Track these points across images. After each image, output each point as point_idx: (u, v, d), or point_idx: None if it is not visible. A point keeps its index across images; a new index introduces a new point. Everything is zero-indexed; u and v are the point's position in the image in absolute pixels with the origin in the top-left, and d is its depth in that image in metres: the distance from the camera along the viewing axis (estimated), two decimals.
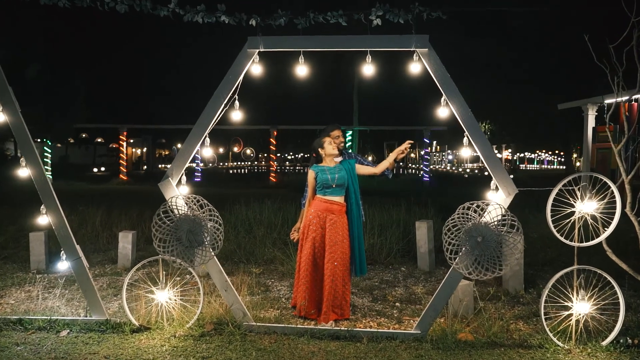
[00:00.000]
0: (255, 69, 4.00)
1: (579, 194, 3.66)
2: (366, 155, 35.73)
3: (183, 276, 5.21)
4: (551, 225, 3.65)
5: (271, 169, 23.42)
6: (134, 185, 20.27)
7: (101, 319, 3.96)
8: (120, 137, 22.83)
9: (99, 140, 37.09)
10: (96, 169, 33.00)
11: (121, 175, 22.51)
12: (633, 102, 9.20)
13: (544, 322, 3.71)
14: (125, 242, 6.16)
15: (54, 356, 3.41)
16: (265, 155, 46.03)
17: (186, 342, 3.66)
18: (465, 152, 4.33)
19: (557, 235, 3.67)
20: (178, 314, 4.02)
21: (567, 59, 22.40)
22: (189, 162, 4.02)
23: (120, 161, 23.19)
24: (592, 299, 3.76)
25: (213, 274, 4.00)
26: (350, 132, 22.69)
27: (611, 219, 3.63)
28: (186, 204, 3.91)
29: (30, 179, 3.92)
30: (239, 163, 46.43)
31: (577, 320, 3.71)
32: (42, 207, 3.94)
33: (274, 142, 22.76)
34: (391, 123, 30.06)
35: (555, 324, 3.83)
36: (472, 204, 3.70)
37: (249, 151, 35.95)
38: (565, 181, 3.64)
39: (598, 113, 11.88)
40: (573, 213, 3.70)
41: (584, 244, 3.69)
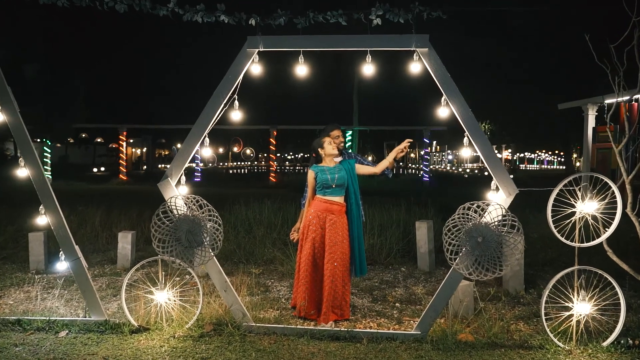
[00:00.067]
0: (255, 68, 3.99)
1: (579, 194, 3.65)
2: (366, 155, 35.71)
3: (182, 276, 5.20)
4: (552, 225, 3.64)
5: (271, 169, 23.42)
6: (133, 185, 20.25)
7: (100, 320, 3.95)
8: (120, 137, 22.84)
9: (99, 140, 37.09)
10: (96, 169, 33.00)
11: (121, 175, 22.50)
12: (633, 102, 9.18)
13: (544, 322, 3.70)
14: (125, 242, 6.15)
15: (52, 357, 3.40)
16: (265, 155, 46.06)
17: (185, 343, 3.65)
18: (465, 152, 4.32)
19: (558, 235, 3.66)
20: (177, 314, 4.01)
21: (567, 59, 22.42)
22: (188, 162, 4.01)
23: (120, 161, 23.18)
24: (593, 299, 3.75)
25: (212, 274, 3.99)
26: (350, 132, 22.68)
27: (612, 219, 3.62)
28: (185, 204, 3.90)
29: (29, 179, 3.91)
30: (238, 163, 46.46)
31: (578, 321, 3.70)
32: (41, 207, 3.93)
33: (274, 142, 22.76)
34: (391, 123, 30.05)
35: (555, 324, 3.82)
36: (473, 204, 3.69)
37: (248, 151, 35.96)
38: (566, 181, 3.63)
39: (598, 113, 11.88)
40: (573, 213, 3.69)
41: (585, 245, 3.67)
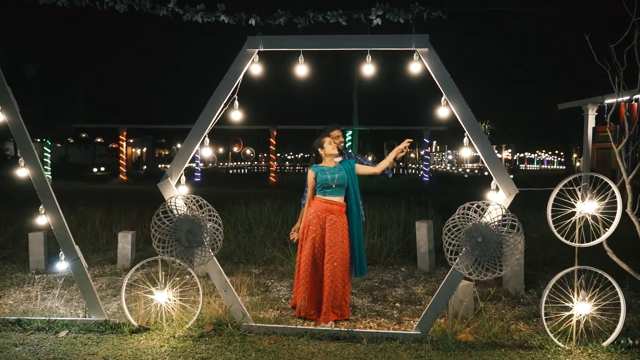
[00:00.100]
0: (255, 68, 3.99)
1: (579, 194, 3.64)
2: (366, 155, 35.71)
3: (182, 276, 5.20)
4: (552, 225, 3.64)
5: (271, 169, 23.41)
6: (133, 185, 20.25)
7: (100, 320, 3.95)
8: (120, 137, 22.83)
9: (99, 140, 37.08)
10: (96, 169, 33.00)
11: (121, 175, 22.50)
12: (633, 102, 9.18)
13: (544, 322, 3.70)
14: (125, 242, 6.15)
15: (52, 357, 3.40)
16: (265, 155, 46.06)
17: (185, 343, 3.65)
18: (465, 152, 4.32)
19: (558, 235, 3.66)
20: (177, 314, 4.00)
21: (567, 59, 22.41)
22: (188, 162, 4.01)
23: (120, 161, 23.18)
24: (593, 299, 3.75)
25: (212, 274, 3.99)
26: (350, 132, 22.68)
27: (611, 219, 3.61)
28: (185, 204, 3.90)
29: (29, 179, 3.91)
30: (238, 163, 46.46)
31: (578, 321, 3.70)
32: (41, 207, 3.93)
33: (274, 142, 22.75)
34: (391, 123, 30.05)
35: (555, 324, 3.82)
36: (473, 204, 3.69)
37: (248, 151, 35.95)
38: (566, 181, 3.63)
39: (598, 113, 11.87)
40: (573, 213, 3.69)
41: (585, 245, 3.67)
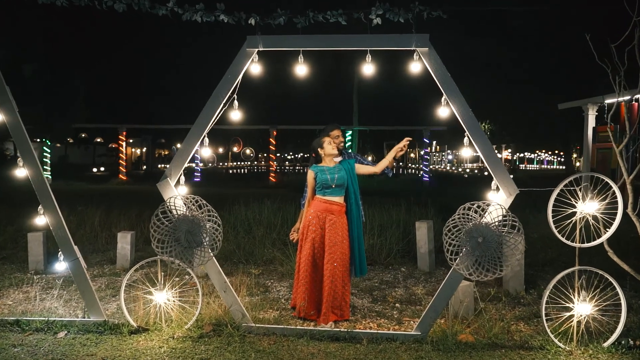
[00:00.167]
0: (255, 68, 3.98)
1: (580, 194, 3.63)
2: (366, 155, 35.70)
3: (182, 277, 5.19)
4: (552, 226, 3.62)
5: (271, 169, 23.39)
6: (133, 185, 20.24)
7: (99, 320, 3.94)
8: (120, 137, 22.81)
9: (99, 140, 37.03)
10: (95, 169, 32.97)
11: (120, 175, 22.48)
12: (634, 102, 9.17)
13: (545, 323, 3.69)
14: (124, 242, 6.13)
15: (51, 358, 3.39)
16: (264, 155, 46.04)
17: (185, 344, 3.64)
18: (465, 152, 4.31)
19: (559, 236, 3.64)
20: (176, 315, 3.99)
21: (567, 59, 22.39)
22: (187, 162, 4.00)
23: (119, 161, 23.16)
24: (594, 300, 3.74)
25: (212, 274, 3.97)
26: (350, 132, 22.67)
27: (612, 219, 3.60)
28: (185, 204, 3.89)
29: (28, 179, 3.90)
30: (238, 163, 46.45)
31: (579, 322, 3.69)
32: (40, 207, 3.92)
33: (274, 142, 22.74)
34: (391, 123, 29.99)
35: (556, 325, 3.81)
36: (473, 204, 3.68)
37: (248, 151, 35.93)
38: (567, 181, 3.62)
39: (598, 113, 11.86)
40: (574, 213, 3.67)
41: (586, 245, 3.66)
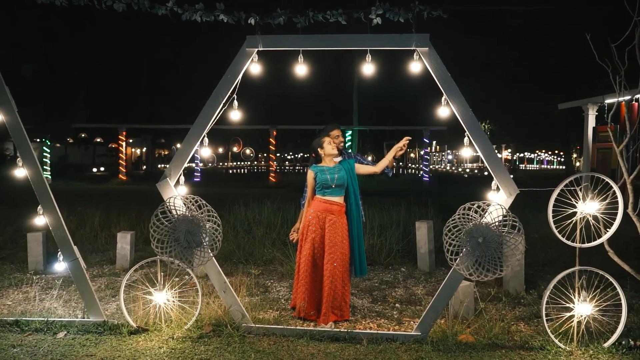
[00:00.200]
0: (254, 68, 3.97)
1: (580, 194, 3.62)
2: (366, 155, 35.68)
3: (181, 277, 5.18)
4: (553, 226, 3.62)
5: (271, 169, 23.38)
6: (133, 185, 20.23)
7: (98, 321, 3.93)
8: (120, 137, 22.80)
9: (98, 140, 37.03)
10: (95, 169, 32.96)
11: (120, 175, 22.47)
12: (634, 101, 9.17)
13: (545, 323, 3.68)
14: (124, 242, 6.13)
15: (50, 358, 3.38)
16: (264, 155, 46.04)
17: (184, 344, 3.63)
18: (465, 152, 4.30)
19: (559, 236, 3.64)
20: (176, 315, 3.98)
21: (567, 59, 22.36)
22: (187, 162, 3.99)
23: (119, 161, 23.15)
24: (594, 300, 3.73)
25: (211, 275, 3.97)
26: (349, 132, 22.65)
27: (612, 219, 3.60)
28: (184, 204, 3.88)
29: (27, 179, 3.89)
30: (238, 163, 46.45)
31: (579, 322, 3.68)
32: (39, 207, 3.91)
33: (274, 142, 22.73)
34: (391, 123, 29.98)
35: (556, 325, 3.80)
36: (473, 204, 3.67)
37: (248, 151, 35.93)
38: (567, 181, 3.61)
39: (598, 113, 11.85)
40: (574, 213, 3.67)
41: (586, 245, 3.65)
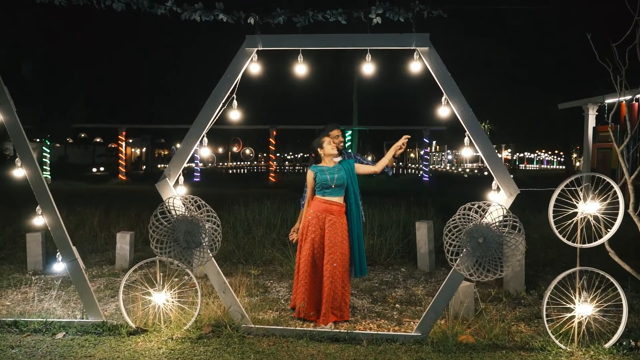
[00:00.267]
0: (254, 67, 3.96)
1: (581, 194, 3.61)
2: (366, 155, 35.65)
3: (181, 277, 5.17)
4: (553, 226, 3.60)
5: (270, 169, 23.37)
6: (132, 185, 20.23)
7: (97, 321, 3.92)
8: (120, 137, 22.78)
9: (98, 140, 37.00)
10: (95, 169, 32.95)
11: (120, 175, 22.46)
12: (634, 101, 9.16)
13: (545, 324, 3.67)
14: (123, 242, 6.11)
15: (49, 359, 3.37)
16: (264, 155, 46.02)
17: (184, 345, 3.62)
18: (465, 152, 4.28)
19: (560, 236, 3.63)
20: (175, 316, 3.97)
21: (567, 59, 22.33)
22: (187, 162, 3.98)
23: (119, 161, 23.14)
24: (595, 300, 3.72)
25: (211, 275, 3.95)
26: (349, 132, 22.63)
27: (612, 219, 3.58)
28: (184, 204, 3.87)
29: (26, 179, 3.88)
30: (238, 163, 46.44)
31: (580, 322, 3.67)
32: (38, 207, 3.90)
33: (273, 142, 22.71)
34: (391, 123, 29.93)
35: (557, 326, 3.79)
36: (473, 204, 3.66)
37: (248, 151, 35.93)
38: (568, 181, 3.60)
39: (598, 113, 11.83)
40: (575, 214, 3.65)
41: (587, 245, 3.64)
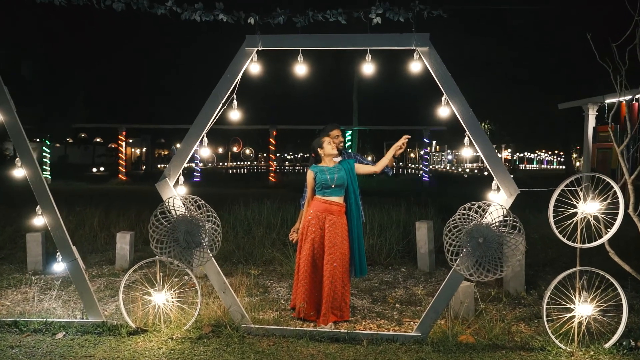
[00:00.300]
0: (254, 67, 3.96)
1: (581, 194, 3.61)
2: (366, 155, 35.64)
3: (181, 277, 5.17)
4: (553, 226, 3.60)
5: (270, 169, 23.36)
6: (132, 185, 20.23)
7: (97, 321, 3.92)
8: (120, 137, 22.78)
9: (98, 140, 36.99)
10: (95, 169, 32.94)
11: (120, 175, 22.46)
12: (634, 101, 9.16)
13: (545, 324, 3.67)
14: (123, 242, 6.11)
15: (49, 359, 3.37)
16: (264, 155, 46.01)
17: (183, 345, 3.62)
18: (465, 152, 4.28)
19: (560, 236, 3.62)
20: (175, 316, 3.97)
21: (567, 59, 22.33)
22: (187, 162, 3.98)
23: (119, 161, 23.14)
24: (595, 300, 3.72)
25: (211, 275, 3.95)
26: (349, 132, 22.63)
27: (612, 219, 3.58)
28: (184, 204, 3.87)
29: (26, 179, 3.88)
30: (238, 163, 46.44)
31: (580, 322, 3.67)
32: (38, 207, 3.90)
33: (273, 142, 22.71)
34: (391, 123, 29.92)
35: (557, 326, 3.79)
36: (473, 204, 3.66)
37: (248, 151, 35.93)
38: (568, 181, 3.60)
39: (598, 113, 11.83)
40: (575, 214, 3.65)
41: (587, 245, 3.64)
